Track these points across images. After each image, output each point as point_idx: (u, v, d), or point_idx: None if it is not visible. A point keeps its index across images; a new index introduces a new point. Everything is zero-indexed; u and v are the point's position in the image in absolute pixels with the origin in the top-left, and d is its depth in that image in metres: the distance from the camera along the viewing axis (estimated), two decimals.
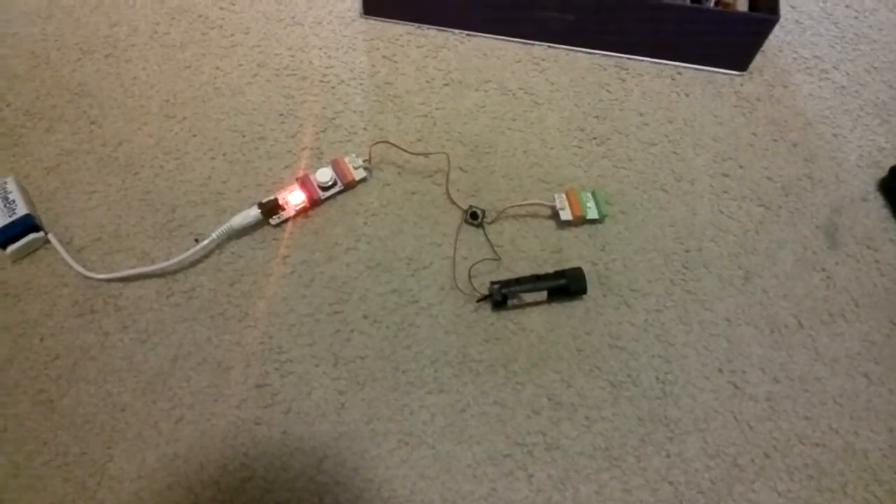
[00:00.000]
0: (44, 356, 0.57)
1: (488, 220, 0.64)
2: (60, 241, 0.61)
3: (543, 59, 0.74)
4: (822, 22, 0.79)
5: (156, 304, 0.60)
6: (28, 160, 0.67)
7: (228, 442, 0.55)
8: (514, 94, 0.72)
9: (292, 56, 0.73)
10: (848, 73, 0.75)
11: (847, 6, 0.80)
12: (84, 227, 0.63)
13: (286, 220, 0.63)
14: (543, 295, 0.59)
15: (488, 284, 0.59)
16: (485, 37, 0.75)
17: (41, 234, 0.61)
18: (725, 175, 0.67)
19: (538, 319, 0.60)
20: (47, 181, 0.65)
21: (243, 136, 0.68)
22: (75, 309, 0.59)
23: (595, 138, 0.69)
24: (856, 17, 0.79)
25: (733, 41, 0.70)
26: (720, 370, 0.58)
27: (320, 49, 0.74)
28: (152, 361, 0.57)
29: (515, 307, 0.60)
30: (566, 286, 0.59)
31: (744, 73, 0.74)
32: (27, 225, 0.61)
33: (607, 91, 0.72)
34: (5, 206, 0.61)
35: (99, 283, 0.60)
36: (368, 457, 0.54)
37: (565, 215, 0.63)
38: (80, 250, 0.62)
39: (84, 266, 0.60)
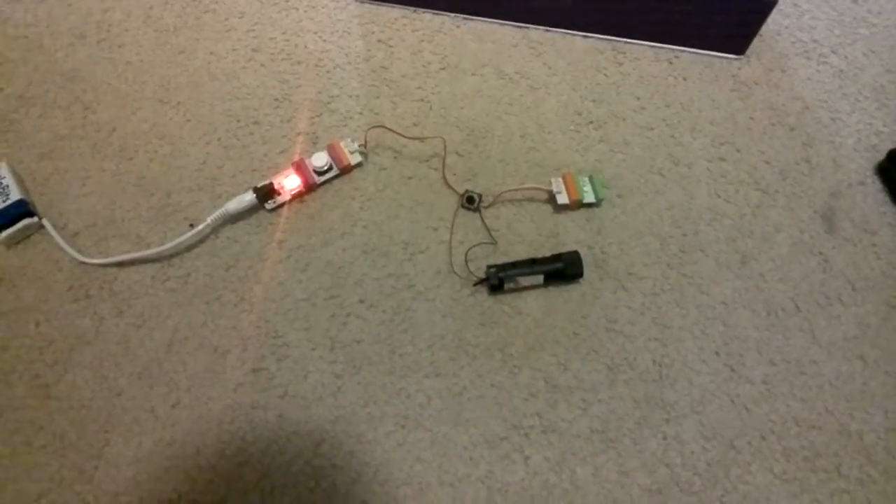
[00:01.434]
0: (39, 342, 0.57)
1: (485, 204, 0.64)
2: (55, 227, 0.61)
3: (540, 43, 0.73)
4: (821, 6, 0.78)
5: (151, 289, 0.59)
6: (22, 146, 0.66)
7: (225, 426, 0.55)
8: (510, 79, 0.71)
9: (287, 40, 0.73)
10: (846, 57, 0.74)
11: None
12: (78, 212, 0.63)
13: (282, 205, 0.63)
14: (540, 279, 0.59)
15: (485, 268, 0.59)
16: (481, 20, 0.74)
17: (35, 219, 0.61)
18: (723, 159, 0.67)
19: (535, 303, 0.60)
20: (41, 167, 0.65)
21: (238, 121, 0.68)
22: (70, 294, 0.59)
23: (592, 122, 0.69)
24: (854, 1, 0.78)
25: (731, 25, 0.70)
26: (717, 353, 0.58)
27: (315, 33, 0.73)
28: (148, 346, 0.57)
29: (512, 291, 0.60)
30: (563, 270, 0.59)
31: (741, 56, 0.73)
32: (21, 210, 0.60)
33: (604, 75, 0.72)
34: None
35: (94, 268, 0.60)
36: (365, 440, 0.54)
37: (562, 199, 0.62)
38: (75, 235, 0.62)
39: (79, 251, 0.60)
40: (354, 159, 0.65)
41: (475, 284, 0.60)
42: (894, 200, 0.66)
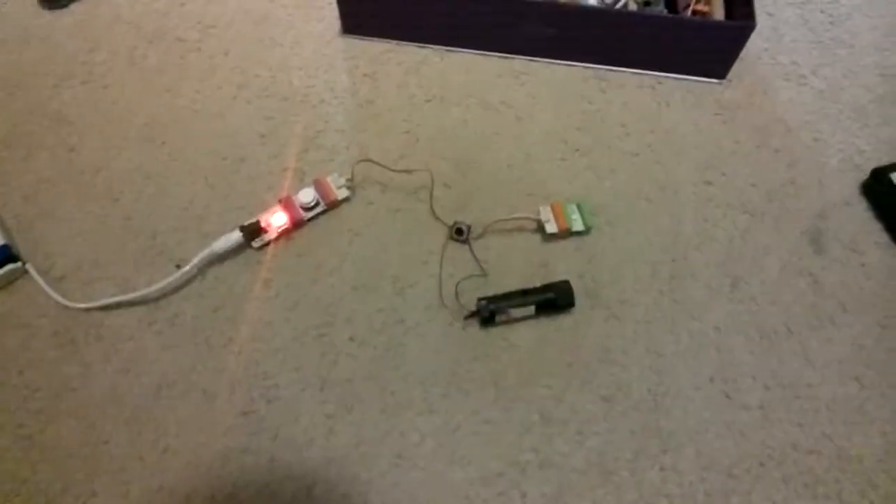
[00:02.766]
0: (23, 389, 0.56)
1: (474, 235, 0.63)
2: (39, 271, 0.60)
3: (524, 73, 0.74)
4: (799, 28, 0.79)
5: (138, 333, 0.58)
6: (5, 189, 0.66)
7: (215, 471, 0.53)
8: (496, 109, 0.71)
9: (272, 77, 0.73)
10: (826, 78, 0.75)
11: (822, 12, 0.81)
12: (63, 255, 0.62)
13: (269, 243, 0.63)
14: (531, 310, 0.59)
15: (476, 301, 0.59)
16: (465, 52, 0.75)
17: (19, 264, 0.60)
18: (709, 183, 0.67)
19: (527, 335, 0.59)
20: (25, 210, 0.64)
21: (224, 159, 0.67)
22: (55, 340, 0.58)
23: (578, 150, 0.69)
24: (831, 23, 0.80)
25: (711, 49, 0.71)
26: (711, 380, 0.58)
27: (300, 69, 0.74)
28: (136, 391, 0.56)
29: (504, 323, 0.59)
30: (554, 300, 0.59)
31: (723, 80, 0.74)
32: (4, 255, 0.60)
33: (588, 103, 0.72)
34: None
35: (79, 312, 0.59)
36: (359, 481, 0.53)
37: (551, 228, 0.62)
38: (60, 279, 0.61)
39: (64, 295, 0.59)
40: (342, 194, 0.64)
41: (466, 318, 0.59)
42: (880, 219, 0.66)
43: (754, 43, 0.77)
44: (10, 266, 0.60)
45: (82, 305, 0.59)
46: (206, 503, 0.52)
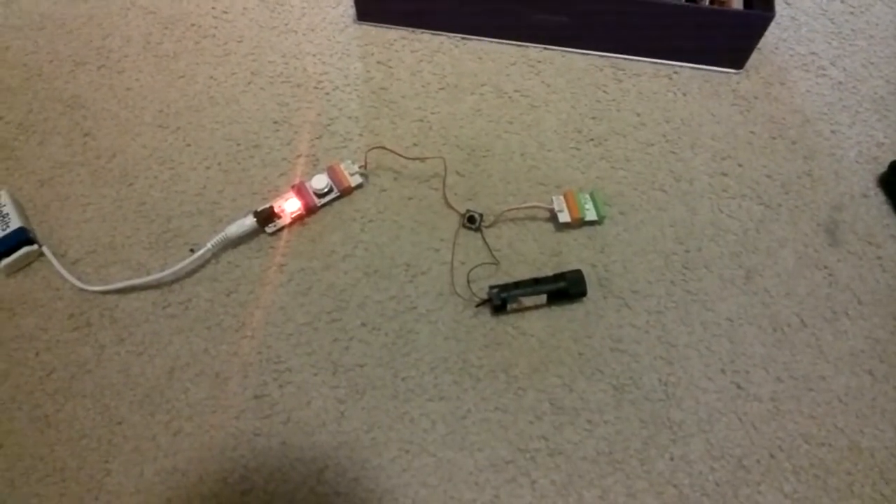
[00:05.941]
0: (39, 371, 0.57)
1: (486, 223, 0.63)
2: (55, 254, 0.61)
3: (539, 61, 0.74)
4: (818, 18, 0.78)
5: (152, 316, 0.59)
6: (21, 173, 0.66)
7: (227, 454, 0.54)
8: (510, 97, 0.71)
9: (286, 63, 0.73)
10: (845, 69, 0.74)
11: (842, 2, 0.80)
12: (79, 239, 0.63)
13: (282, 229, 0.63)
14: (543, 298, 0.58)
15: (487, 289, 0.59)
16: (479, 40, 0.75)
17: (35, 247, 0.61)
18: (724, 174, 0.67)
19: (538, 323, 0.59)
20: (41, 194, 0.65)
21: (238, 145, 0.68)
22: (71, 322, 0.59)
23: (592, 139, 0.69)
24: (851, 13, 0.79)
25: (729, 39, 0.70)
26: (723, 371, 0.58)
27: (314, 56, 0.74)
28: (149, 374, 0.57)
29: (515, 311, 0.59)
30: (566, 289, 0.59)
31: (741, 71, 0.73)
32: (21, 238, 0.60)
33: (604, 92, 0.72)
34: None
35: (94, 295, 0.60)
36: (369, 466, 0.54)
37: (564, 217, 0.62)
38: (75, 263, 0.61)
39: (79, 279, 0.60)
40: (355, 181, 0.64)
41: (478, 305, 0.59)
42: None
43: (772, 33, 0.76)
44: (26, 249, 0.60)
45: (97, 288, 0.59)
46: (218, 485, 0.53)
